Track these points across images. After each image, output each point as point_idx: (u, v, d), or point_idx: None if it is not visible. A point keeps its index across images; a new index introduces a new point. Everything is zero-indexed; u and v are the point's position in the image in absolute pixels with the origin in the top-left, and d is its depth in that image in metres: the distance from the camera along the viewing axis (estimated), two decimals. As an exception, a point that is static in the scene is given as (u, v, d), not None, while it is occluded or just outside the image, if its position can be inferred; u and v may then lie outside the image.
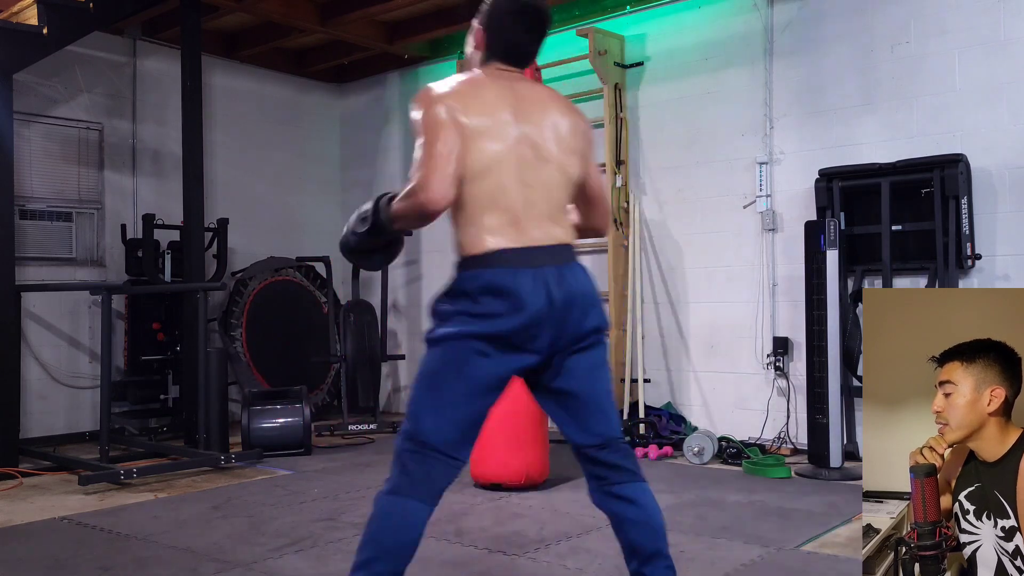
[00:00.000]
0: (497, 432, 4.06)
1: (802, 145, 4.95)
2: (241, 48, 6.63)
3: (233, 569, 2.95)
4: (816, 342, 4.33)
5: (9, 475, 4.52)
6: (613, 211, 5.47)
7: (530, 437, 4.10)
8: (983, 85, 4.39)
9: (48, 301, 5.71)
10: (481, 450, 4.13)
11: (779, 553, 3.05)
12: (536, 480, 4.12)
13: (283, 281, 6.63)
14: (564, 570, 2.88)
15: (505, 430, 4.05)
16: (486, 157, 2.07)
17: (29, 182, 5.63)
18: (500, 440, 4.05)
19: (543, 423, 4.19)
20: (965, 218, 4.29)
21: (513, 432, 4.06)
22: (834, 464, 4.24)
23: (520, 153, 2.10)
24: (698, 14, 5.40)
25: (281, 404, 5.22)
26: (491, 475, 4.09)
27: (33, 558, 3.13)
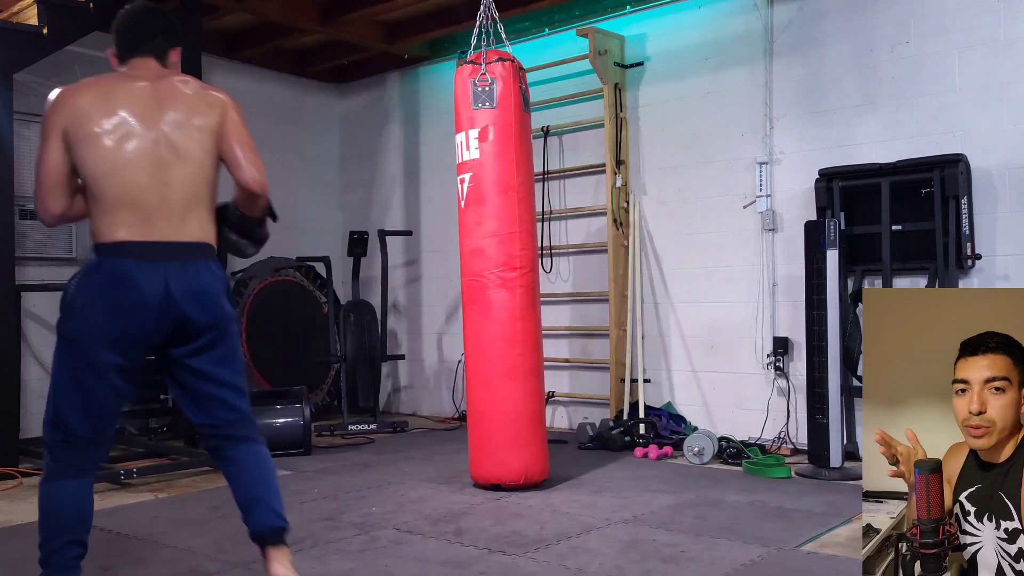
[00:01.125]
0: (496, 432, 4.08)
1: (802, 145, 4.96)
2: (241, 48, 6.64)
3: (233, 569, 2.95)
4: (816, 342, 4.33)
5: (9, 475, 4.52)
6: (613, 211, 5.47)
7: (529, 437, 4.10)
8: (983, 85, 4.39)
9: (48, 301, 5.70)
10: (480, 450, 4.13)
11: (779, 553, 3.05)
12: (535, 480, 4.12)
13: (283, 281, 6.64)
14: (564, 570, 2.88)
15: (504, 430, 4.06)
16: (110, 159, 2.39)
17: (29, 182, 5.62)
18: (500, 440, 4.06)
19: (541, 423, 4.20)
20: (965, 218, 4.29)
21: (513, 432, 4.06)
22: (834, 464, 4.24)
23: (154, 153, 2.42)
24: (698, 14, 5.40)
25: (281, 404, 5.22)
26: (490, 476, 4.09)
27: (33, 558, 3.11)
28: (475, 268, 4.17)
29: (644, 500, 3.83)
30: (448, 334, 6.71)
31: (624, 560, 2.97)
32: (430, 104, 6.81)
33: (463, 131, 4.20)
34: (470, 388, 4.23)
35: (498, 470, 4.07)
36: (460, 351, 6.42)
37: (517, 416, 4.08)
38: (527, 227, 4.22)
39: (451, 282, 6.65)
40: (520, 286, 4.14)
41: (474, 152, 4.15)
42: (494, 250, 4.13)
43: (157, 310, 2.39)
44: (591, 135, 5.80)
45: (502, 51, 4.27)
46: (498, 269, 4.12)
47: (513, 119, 4.18)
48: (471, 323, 4.20)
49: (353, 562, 3.01)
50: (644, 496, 3.91)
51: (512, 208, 4.16)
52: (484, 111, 4.15)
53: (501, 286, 4.13)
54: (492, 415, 4.09)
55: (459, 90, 4.24)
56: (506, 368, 4.09)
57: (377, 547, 3.18)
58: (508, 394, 4.10)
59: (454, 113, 4.30)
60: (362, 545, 3.21)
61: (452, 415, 6.47)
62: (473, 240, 4.18)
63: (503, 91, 4.14)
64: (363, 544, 3.22)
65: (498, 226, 4.13)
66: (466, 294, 4.25)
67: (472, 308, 4.20)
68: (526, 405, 4.13)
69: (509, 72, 4.18)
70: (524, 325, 4.14)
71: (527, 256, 4.20)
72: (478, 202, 4.14)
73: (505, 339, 4.10)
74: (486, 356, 4.13)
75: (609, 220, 5.51)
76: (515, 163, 4.19)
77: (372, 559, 3.04)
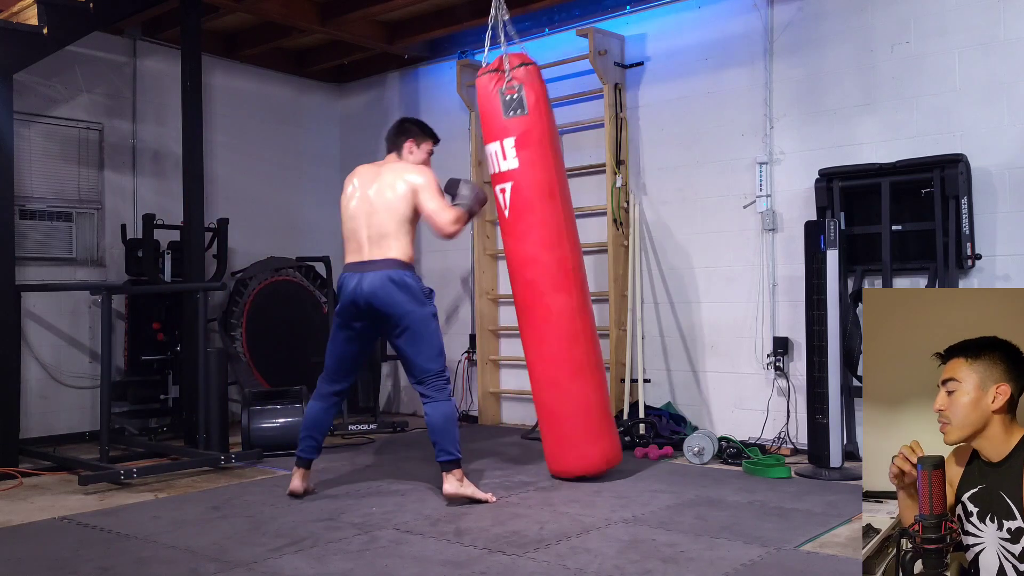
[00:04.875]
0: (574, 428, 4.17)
1: (802, 145, 4.96)
2: (241, 48, 6.64)
3: (233, 569, 2.95)
4: (816, 342, 4.33)
5: (9, 475, 4.52)
6: (613, 211, 5.48)
7: (604, 427, 4.25)
8: (983, 85, 4.39)
9: (48, 301, 5.71)
10: (560, 447, 4.24)
11: (779, 553, 3.05)
12: (614, 464, 4.32)
13: (283, 281, 6.64)
14: (564, 570, 2.88)
15: (581, 425, 4.18)
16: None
17: (29, 182, 5.63)
18: (579, 435, 4.18)
19: (610, 413, 4.35)
20: (965, 218, 4.30)
21: (589, 425, 4.19)
22: (834, 464, 4.25)
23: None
24: (698, 14, 5.40)
25: (281, 404, 5.22)
26: (574, 469, 4.22)
27: (33, 558, 3.13)
28: (529, 276, 4.19)
29: (644, 500, 3.83)
30: (448, 334, 6.70)
31: (624, 560, 2.97)
32: (430, 104, 6.80)
33: (496, 141, 4.20)
34: (539, 391, 4.27)
35: (581, 463, 4.19)
36: (460, 351, 6.45)
37: (589, 409, 4.18)
38: (572, 229, 4.29)
39: (451, 282, 6.65)
40: (575, 287, 4.20)
41: (512, 162, 4.15)
42: (547, 256, 4.16)
43: None
44: (591, 135, 5.80)
45: (519, 54, 4.25)
46: (553, 274, 4.16)
47: (547, 124, 4.20)
48: (532, 328, 4.23)
49: (353, 562, 3.01)
50: (644, 496, 3.91)
51: (558, 213, 4.20)
52: (517, 119, 4.15)
53: (558, 289, 4.16)
54: (568, 413, 4.18)
55: (484, 100, 4.23)
56: (574, 367, 4.17)
57: (377, 547, 3.18)
58: (580, 391, 4.18)
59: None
60: (362, 545, 3.21)
61: (452, 415, 6.47)
62: (524, 248, 4.19)
63: (532, 97, 4.15)
64: (363, 544, 3.22)
65: (547, 232, 4.17)
66: (522, 301, 4.26)
67: (532, 314, 4.22)
68: (597, 398, 4.24)
69: (534, 76, 4.18)
70: (583, 323, 4.21)
71: (576, 257, 4.26)
72: (524, 211, 4.15)
73: (569, 339, 4.17)
74: (552, 358, 4.18)
75: (609, 220, 5.51)
76: (555, 168, 4.22)
77: (372, 559, 3.04)
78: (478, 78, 4.28)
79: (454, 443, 3.78)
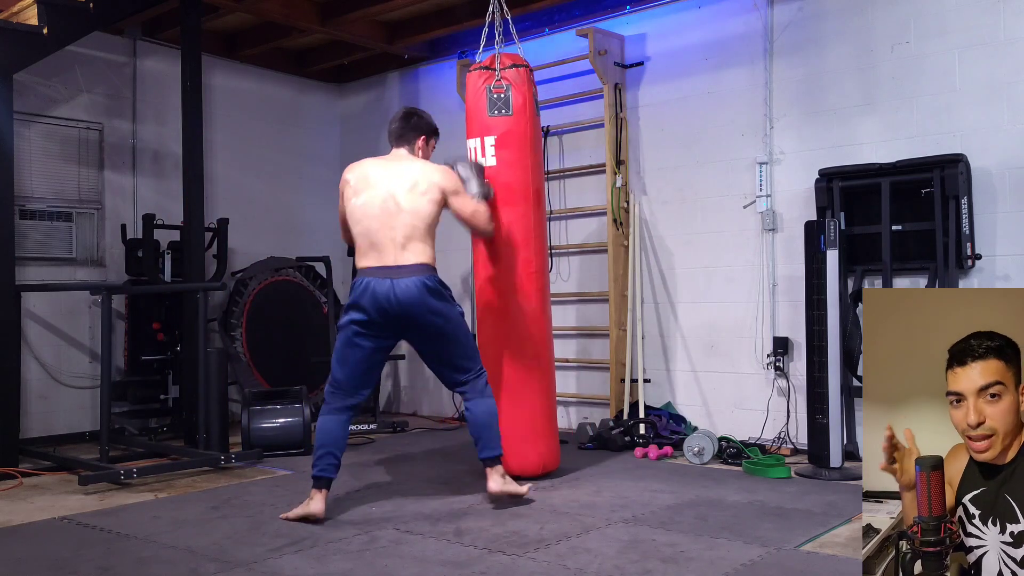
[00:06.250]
0: (514, 429, 4.15)
1: (802, 145, 4.96)
2: (241, 48, 6.64)
3: (233, 569, 2.95)
4: (816, 342, 4.33)
5: (9, 475, 4.52)
6: (613, 211, 5.48)
7: (544, 432, 4.26)
8: (983, 85, 4.39)
9: (48, 301, 5.71)
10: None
11: (779, 553, 3.05)
12: (551, 470, 4.30)
13: (283, 281, 6.64)
14: (564, 570, 2.88)
15: (522, 427, 4.18)
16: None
17: (29, 182, 5.63)
18: (518, 436, 4.16)
19: (553, 419, 4.36)
20: (965, 218, 4.29)
21: (529, 429, 4.20)
22: (834, 464, 4.24)
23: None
24: (698, 14, 5.40)
25: (281, 404, 5.22)
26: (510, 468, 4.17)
27: (33, 558, 3.13)
28: (490, 272, 4.21)
29: (644, 500, 3.83)
30: (448, 334, 6.71)
31: (624, 560, 2.97)
32: (430, 104, 6.77)
33: (477, 137, 4.23)
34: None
35: (516, 461, 4.19)
36: (460, 351, 6.43)
37: (533, 414, 4.20)
38: (540, 232, 4.31)
39: (451, 281, 6.62)
40: (535, 290, 4.22)
41: (490, 159, 4.20)
42: (510, 255, 4.18)
43: None
44: (591, 135, 5.80)
45: (514, 55, 4.27)
46: (514, 274, 4.18)
47: (529, 127, 4.24)
48: (488, 327, 4.26)
49: (353, 562, 3.01)
50: (644, 496, 3.91)
51: (528, 214, 4.23)
52: (500, 119, 4.19)
53: (517, 291, 4.18)
54: (510, 414, 4.17)
55: (471, 95, 4.26)
56: (522, 369, 4.20)
57: (377, 547, 3.18)
58: (524, 394, 4.20)
59: (465, 117, 4.31)
60: (362, 545, 3.21)
61: (452, 415, 6.47)
62: (489, 245, 4.21)
63: (519, 99, 4.18)
64: (363, 544, 3.22)
65: (514, 232, 4.18)
66: (482, 298, 4.29)
67: (488, 312, 4.26)
68: (541, 403, 4.26)
69: (524, 79, 4.21)
70: (538, 327, 4.23)
71: (541, 261, 4.27)
72: (494, 209, 4.15)
73: (521, 341, 4.19)
74: (502, 358, 4.20)
75: (609, 220, 5.51)
76: (531, 170, 4.25)
77: (372, 559, 3.04)
78: (468, 73, 4.32)
79: (498, 438, 3.78)
